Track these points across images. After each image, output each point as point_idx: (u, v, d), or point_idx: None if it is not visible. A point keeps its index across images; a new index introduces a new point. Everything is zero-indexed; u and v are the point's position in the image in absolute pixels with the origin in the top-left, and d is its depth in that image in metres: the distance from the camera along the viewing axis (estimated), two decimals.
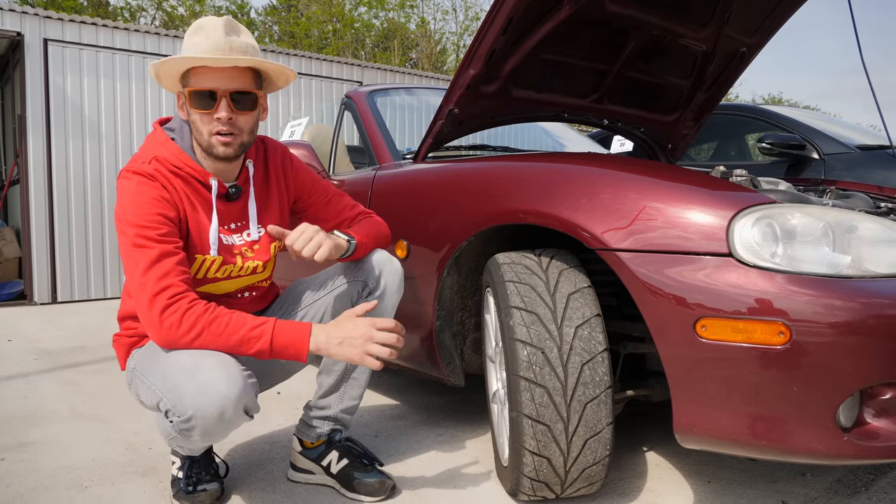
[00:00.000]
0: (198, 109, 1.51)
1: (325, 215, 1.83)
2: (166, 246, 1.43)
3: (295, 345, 1.41)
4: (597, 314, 1.52)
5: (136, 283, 1.40)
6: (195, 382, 1.35)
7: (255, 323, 1.41)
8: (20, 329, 4.49)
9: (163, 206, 1.47)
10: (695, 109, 2.71)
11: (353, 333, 1.44)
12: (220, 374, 1.35)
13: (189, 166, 1.54)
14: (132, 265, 1.42)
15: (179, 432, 1.41)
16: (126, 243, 1.43)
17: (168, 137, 1.57)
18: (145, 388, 1.49)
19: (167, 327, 1.38)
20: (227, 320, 1.40)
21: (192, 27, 1.53)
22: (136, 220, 1.44)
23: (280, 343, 1.40)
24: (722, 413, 1.31)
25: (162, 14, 19.20)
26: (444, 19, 27.28)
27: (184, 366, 1.38)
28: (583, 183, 1.54)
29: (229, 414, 1.36)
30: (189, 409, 1.35)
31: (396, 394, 2.74)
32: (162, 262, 1.41)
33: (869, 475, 1.83)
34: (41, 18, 5.68)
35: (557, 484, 1.54)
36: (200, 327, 1.38)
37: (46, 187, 5.77)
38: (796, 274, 1.26)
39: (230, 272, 1.62)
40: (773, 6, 2.31)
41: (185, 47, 1.52)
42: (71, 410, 2.53)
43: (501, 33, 1.90)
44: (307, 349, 1.42)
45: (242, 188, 1.65)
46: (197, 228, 1.55)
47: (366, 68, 7.76)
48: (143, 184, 1.48)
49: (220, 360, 1.39)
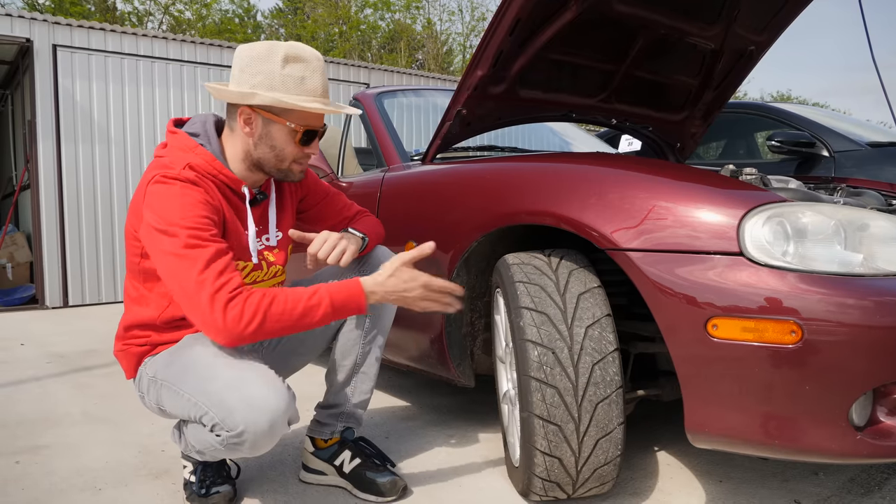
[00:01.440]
0: (302, 145, 1.57)
1: (327, 213, 1.87)
2: (220, 244, 1.42)
3: (353, 299, 1.45)
4: (607, 314, 1.52)
5: (193, 283, 1.35)
6: (243, 396, 1.35)
7: (308, 293, 1.41)
8: (32, 333, 4.53)
9: (208, 210, 1.46)
10: (703, 108, 2.70)
11: (411, 285, 1.49)
12: (266, 387, 1.36)
13: (223, 174, 1.54)
14: (185, 267, 1.36)
15: (227, 446, 1.39)
16: (175, 245, 1.38)
17: (195, 143, 1.54)
18: (179, 399, 1.47)
19: (231, 321, 1.33)
20: (283, 298, 1.39)
21: (283, 52, 1.51)
22: (185, 222, 1.39)
23: (339, 302, 1.43)
24: (734, 412, 1.31)
25: (169, 18, 19.30)
26: (451, 20, 27.36)
27: (228, 378, 1.39)
28: (592, 183, 1.54)
29: (278, 426, 1.37)
30: (241, 424, 1.34)
31: (407, 395, 2.74)
32: (220, 260, 1.38)
33: (882, 474, 1.82)
34: (50, 24, 5.73)
35: (569, 484, 1.53)
36: (263, 312, 1.35)
37: (57, 192, 5.82)
38: (808, 272, 1.26)
39: (256, 277, 1.64)
40: (782, 4, 2.31)
41: (284, 77, 1.50)
42: (84, 413, 2.54)
43: (509, 34, 1.90)
44: (364, 301, 1.46)
45: (266, 194, 1.68)
46: (232, 234, 1.56)
47: (373, 70, 7.78)
48: (187, 187, 1.45)
49: (262, 372, 1.40)
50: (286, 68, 1.51)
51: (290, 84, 1.51)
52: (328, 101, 1.57)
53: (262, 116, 1.54)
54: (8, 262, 6.37)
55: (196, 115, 1.64)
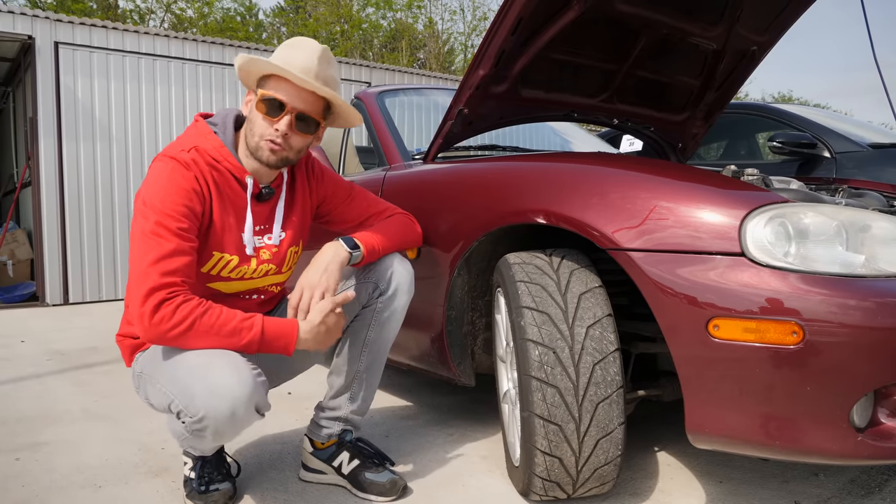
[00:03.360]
0: (262, 113, 1.55)
1: (350, 216, 1.86)
2: (183, 243, 1.43)
3: (284, 337, 1.46)
4: (608, 314, 1.52)
5: (140, 272, 1.38)
6: (206, 383, 1.36)
7: (244, 315, 1.43)
8: (33, 330, 4.53)
9: (190, 198, 1.47)
10: (705, 108, 2.70)
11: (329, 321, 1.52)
12: (230, 373, 1.36)
13: (228, 161, 1.56)
14: (142, 251, 1.40)
15: (192, 433, 1.42)
16: (143, 228, 1.41)
17: (210, 130, 1.59)
18: (155, 390, 1.50)
19: (157, 321, 1.35)
20: (218, 312, 1.41)
21: (291, 40, 1.59)
22: (161, 206, 1.43)
23: (270, 334, 1.44)
24: (734, 413, 1.30)
25: (171, 16, 19.29)
26: (452, 19, 27.33)
27: (194, 366, 1.39)
28: (593, 183, 1.54)
29: (241, 413, 1.37)
30: (201, 410, 1.36)
31: (407, 394, 2.74)
32: (173, 259, 1.40)
33: (883, 475, 1.82)
34: (52, 22, 5.73)
35: (569, 484, 1.53)
36: (192, 320, 1.37)
37: (58, 189, 5.82)
38: (809, 273, 1.26)
39: (243, 273, 1.63)
40: (784, 5, 2.30)
41: (276, 55, 1.56)
42: (84, 411, 2.55)
43: (511, 33, 1.90)
44: (294, 341, 1.47)
45: (275, 191, 1.67)
46: (221, 225, 1.56)
47: (374, 69, 7.77)
48: (176, 170, 1.48)
49: (229, 359, 1.39)
50: (283, 51, 1.56)
51: (277, 61, 1.54)
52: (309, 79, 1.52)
53: (253, 96, 1.58)
54: (9, 259, 6.37)
55: (221, 110, 1.67)
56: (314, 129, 1.61)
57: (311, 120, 1.58)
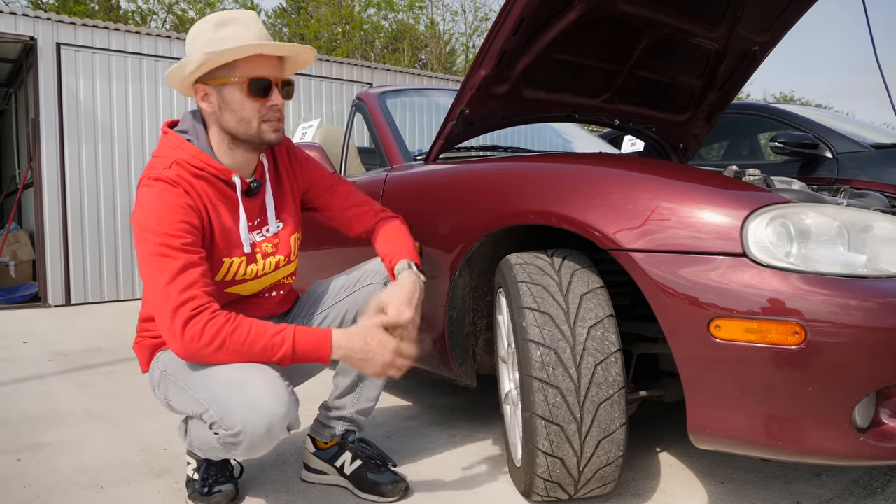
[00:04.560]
0: (255, 97, 1.51)
1: (334, 203, 1.84)
2: (191, 256, 1.41)
3: (317, 350, 1.41)
4: (610, 314, 1.52)
5: (159, 294, 1.37)
6: (244, 397, 1.35)
7: (275, 330, 1.40)
8: (35, 331, 4.53)
9: (186, 214, 1.45)
10: (707, 109, 2.70)
11: (377, 352, 1.43)
12: (268, 390, 1.35)
13: (211, 165, 1.53)
14: (154, 275, 1.38)
15: (224, 444, 1.39)
16: (148, 252, 1.40)
17: (183, 139, 1.56)
18: (183, 395, 1.48)
19: (189, 339, 1.35)
20: (247, 328, 1.39)
21: (214, 19, 1.51)
22: (159, 228, 1.41)
23: (302, 349, 1.40)
24: (736, 413, 1.30)
25: (172, 17, 19.33)
26: (454, 20, 27.35)
27: (231, 378, 1.38)
28: (595, 183, 1.54)
29: (276, 430, 1.36)
30: (238, 425, 1.34)
31: (409, 395, 2.74)
32: (186, 273, 1.38)
33: (885, 476, 1.82)
34: (54, 23, 5.74)
35: (571, 485, 1.53)
36: (222, 338, 1.36)
37: (60, 190, 5.83)
38: (811, 274, 1.26)
39: (255, 272, 1.62)
40: (786, 5, 2.30)
41: (218, 39, 1.48)
42: (86, 412, 2.55)
43: (513, 34, 1.90)
44: (328, 355, 1.42)
45: (261, 182, 1.65)
46: (222, 230, 1.54)
47: (376, 70, 7.78)
48: (165, 191, 1.45)
49: (266, 374, 1.39)
50: (218, 32, 1.49)
51: (225, 43, 1.48)
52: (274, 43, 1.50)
53: (214, 86, 1.52)
54: (11, 260, 6.38)
55: (185, 114, 1.64)
56: (293, 92, 1.62)
57: (290, 83, 1.59)
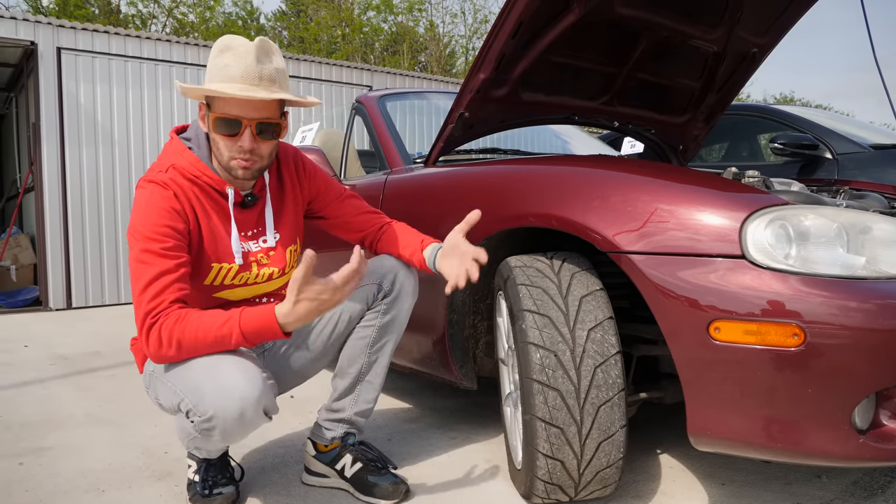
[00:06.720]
0: (221, 135, 1.51)
1: (344, 210, 1.84)
2: (167, 262, 1.43)
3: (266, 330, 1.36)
4: (609, 317, 1.52)
5: (134, 302, 1.43)
6: (216, 384, 1.37)
7: (222, 319, 1.38)
8: (36, 335, 4.54)
9: (171, 218, 1.47)
10: (706, 111, 2.70)
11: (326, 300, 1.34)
12: (240, 375, 1.38)
13: (206, 175, 1.55)
14: (133, 282, 1.44)
15: (200, 432, 1.43)
16: (133, 257, 1.45)
17: (185, 146, 1.58)
18: (165, 390, 1.50)
19: (153, 346, 1.40)
20: (195, 324, 1.39)
21: (220, 44, 1.50)
22: (143, 231, 1.45)
23: (251, 332, 1.37)
24: (736, 415, 1.31)
25: (173, 21, 19.34)
26: (453, 23, 27.31)
27: (204, 367, 1.41)
28: (594, 186, 1.54)
29: (249, 415, 1.37)
30: (210, 409, 1.37)
31: (409, 397, 2.74)
32: (158, 282, 1.41)
33: (885, 477, 1.82)
34: (54, 27, 5.75)
35: (571, 487, 1.53)
36: (176, 338, 1.38)
37: (61, 194, 5.83)
38: (810, 275, 1.26)
39: (246, 279, 1.64)
40: (784, 7, 2.31)
41: (213, 67, 1.48)
42: (87, 415, 2.55)
43: (512, 37, 1.90)
44: (279, 331, 1.36)
45: (259, 196, 1.66)
46: (212, 237, 1.56)
47: (375, 72, 7.79)
48: (155, 193, 1.49)
49: (239, 361, 1.41)
50: (218, 58, 1.49)
51: (215, 73, 1.48)
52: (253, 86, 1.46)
53: (208, 111, 1.53)
54: (12, 264, 6.39)
55: (193, 121, 1.65)
56: (278, 131, 1.56)
57: (271, 124, 1.53)
